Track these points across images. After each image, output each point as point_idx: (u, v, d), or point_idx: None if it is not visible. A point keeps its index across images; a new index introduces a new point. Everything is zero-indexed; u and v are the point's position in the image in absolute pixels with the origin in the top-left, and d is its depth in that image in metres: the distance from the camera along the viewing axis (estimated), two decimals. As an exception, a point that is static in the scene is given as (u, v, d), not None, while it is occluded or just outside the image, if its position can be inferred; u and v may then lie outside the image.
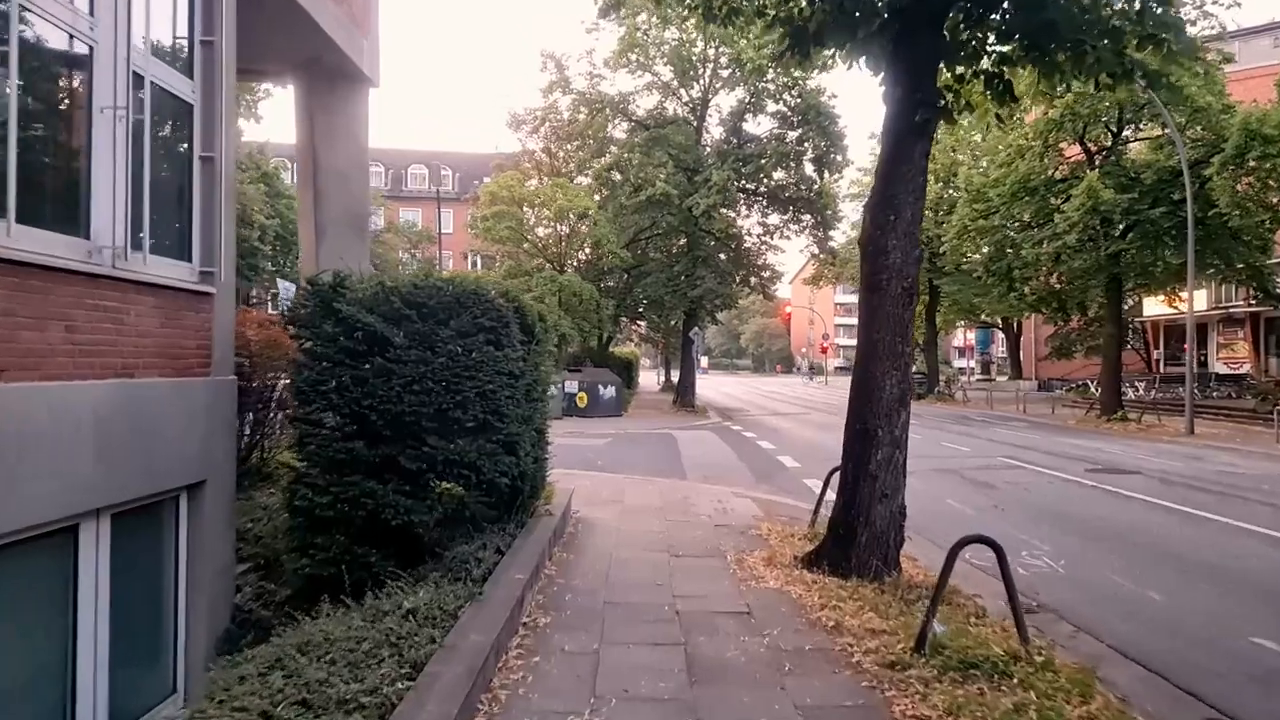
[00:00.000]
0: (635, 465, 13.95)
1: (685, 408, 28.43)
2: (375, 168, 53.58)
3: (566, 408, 24.59)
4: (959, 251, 28.45)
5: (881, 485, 6.16)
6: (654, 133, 28.05)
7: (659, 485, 11.52)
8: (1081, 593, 6.51)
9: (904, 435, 6.26)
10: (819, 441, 18.17)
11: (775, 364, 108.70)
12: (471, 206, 30.94)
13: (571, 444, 17.34)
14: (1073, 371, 38.70)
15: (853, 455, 6.35)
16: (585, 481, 11.57)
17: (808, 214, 30.47)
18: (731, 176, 26.44)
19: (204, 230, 5.72)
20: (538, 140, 32.53)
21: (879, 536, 6.16)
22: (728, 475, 12.88)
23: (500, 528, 6.54)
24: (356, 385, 5.74)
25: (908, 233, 6.17)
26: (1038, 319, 43.93)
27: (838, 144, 28.13)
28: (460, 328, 5.95)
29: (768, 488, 11.74)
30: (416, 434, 5.83)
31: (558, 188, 26.33)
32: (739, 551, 7.20)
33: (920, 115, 6.03)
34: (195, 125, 5.69)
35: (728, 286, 29.14)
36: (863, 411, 6.29)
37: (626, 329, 36.70)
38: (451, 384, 5.83)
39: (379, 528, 5.78)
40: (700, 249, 28.39)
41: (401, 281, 6.10)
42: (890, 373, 6.18)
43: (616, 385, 25.70)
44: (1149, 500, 10.63)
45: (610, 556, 6.99)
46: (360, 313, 5.76)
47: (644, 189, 26.67)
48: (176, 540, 5.57)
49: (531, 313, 6.99)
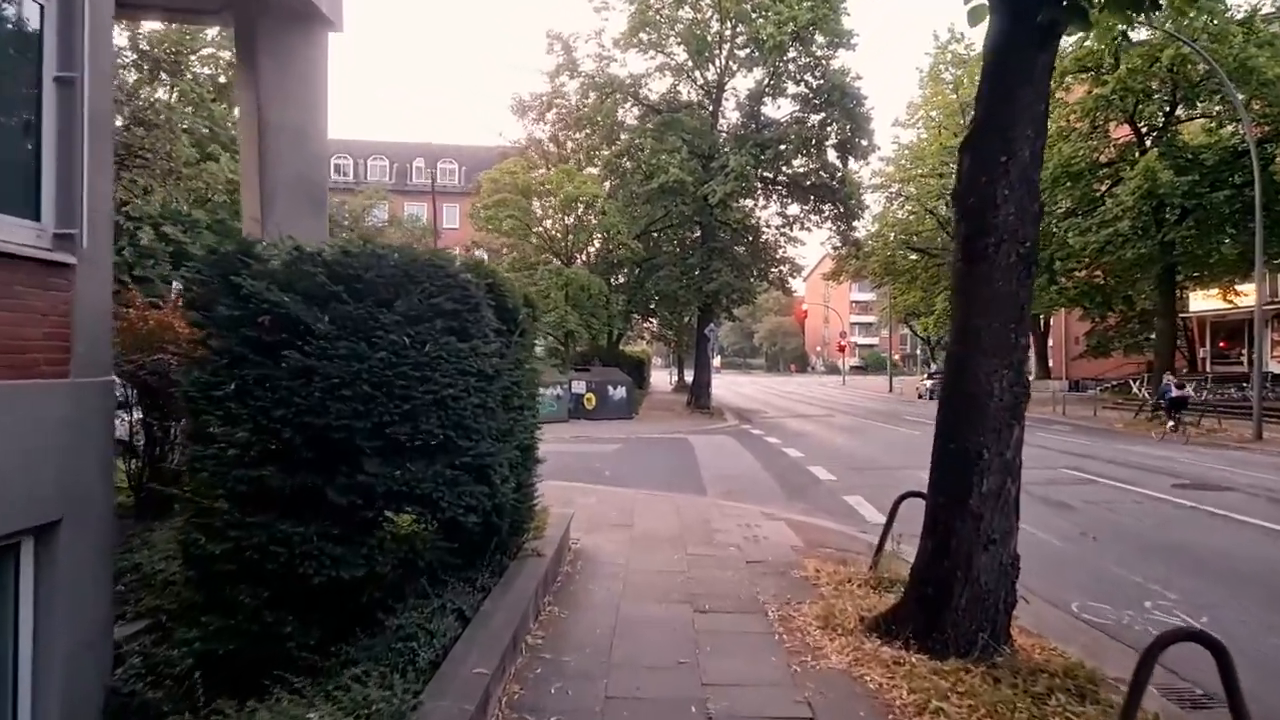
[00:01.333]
0: (647, 477, 12.32)
1: (700, 409, 26.76)
2: (378, 160, 52.25)
3: (574, 409, 22.98)
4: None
5: (988, 527, 4.49)
6: (667, 117, 26.39)
7: (675, 503, 9.88)
8: (1260, 671, 4.79)
9: (1017, 458, 4.59)
10: (850, 449, 16.45)
11: (789, 363, 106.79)
12: (474, 198, 29.35)
13: (577, 450, 15.72)
14: (1106, 371, 36.66)
15: (945, 485, 4.68)
16: (589, 499, 9.95)
17: (830, 203, 28.72)
18: (750, 162, 24.73)
19: (60, 179, 4.11)
20: (544, 128, 30.96)
21: (983, 597, 4.49)
22: (754, 490, 11.22)
23: (469, 578, 4.93)
24: (264, 390, 4.13)
25: (1024, 179, 4.50)
26: (1068, 316, 41.97)
27: (863, 127, 26.38)
28: (409, 311, 4.33)
29: (802, 507, 10.07)
30: (349, 456, 4.22)
31: (564, 174, 24.70)
32: (783, 604, 5.55)
33: (1044, 15, 4.35)
34: (47, 34, 4.09)
35: (745, 280, 27.43)
36: (959, 426, 4.61)
37: (638, 326, 35.01)
38: (396, 388, 4.22)
39: (300, 586, 4.18)
40: (716, 240, 26.70)
41: (329, 248, 4.49)
42: (1000, 372, 4.51)
43: (627, 386, 24.07)
44: (1268, 526, 8.87)
45: (616, 613, 5.36)
46: (269, 290, 4.15)
47: (656, 176, 25.01)
48: (15, 605, 3.98)
49: (513, 294, 5.36)
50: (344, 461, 4.22)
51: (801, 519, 9.16)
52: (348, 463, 4.22)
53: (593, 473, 12.65)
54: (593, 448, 16.39)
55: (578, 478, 12.09)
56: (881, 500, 10.21)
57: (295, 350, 4.13)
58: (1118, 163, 22.14)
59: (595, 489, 10.91)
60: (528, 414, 5.77)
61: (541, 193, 24.09)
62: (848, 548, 7.72)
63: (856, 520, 9.33)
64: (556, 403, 21.94)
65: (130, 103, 17.28)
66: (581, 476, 12.23)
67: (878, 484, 11.48)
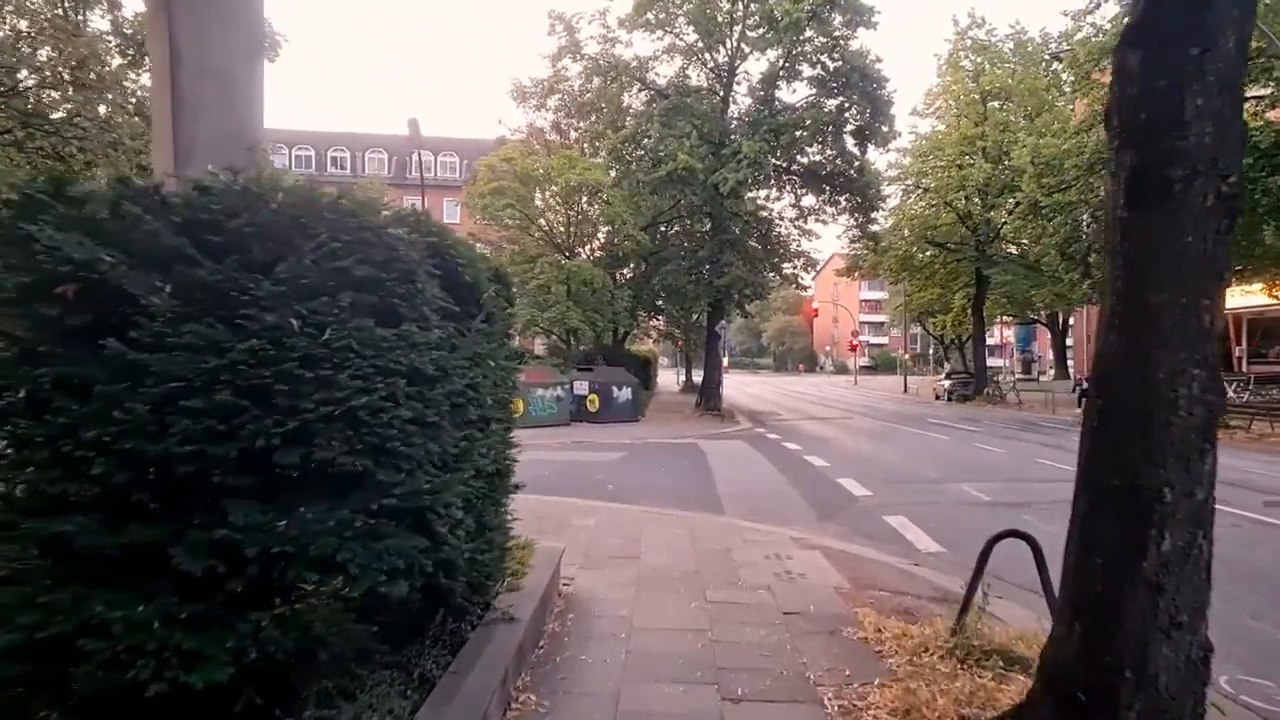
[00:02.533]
0: (655, 491, 10.86)
1: (710, 411, 25.26)
2: (377, 154, 50.91)
3: (576, 412, 21.52)
4: (1023, 233, 25.01)
5: (1171, 604, 3.00)
6: (675, 101, 24.88)
7: (689, 526, 8.41)
8: None
9: (1210, 500, 3.09)
10: (881, 457, 14.93)
11: (797, 363, 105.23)
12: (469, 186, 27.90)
13: (577, 459, 14.27)
14: (1135, 371, 34.98)
15: (1100, 540, 3.19)
16: (588, 520, 8.52)
17: (847, 194, 27.19)
18: (764, 148, 23.21)
19: None
20: (546, 115, 29.51)
21: (1164, 709, 2.99)
22: (779, 508, 9.74)
23: (408, 660, 3.49)
24: (69, 399, 2.67)
25: (1226, 83, 3.00)
26: (1091, 312, 40.36)
27: (884, 112, 24.84)
28: (298, 278, 2.86)
29: (838, 530, 8.59)
30: (204, 499, 2.77)
31: (566, 161, 23.21)
32: (842, 685, 4.09)
33: None
34: None
35: (758, 274, 25.88)
36: (1122, 453, 3.12)
37: (644, 324, 33.52)
38: (277, 395, 2.76)
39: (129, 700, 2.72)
40: (727, 232, 25.18)
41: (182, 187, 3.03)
42: (1187, 373, 3.02)
43: (633, 387, 22.60)
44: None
45: (616, 705, 3.88)
46: (78, 244, 2.68)
47: (664, 164, 23.52)
48: None
49: (472, 263, 3.89)
50: (197, 507, 2.76)
51: (840, 547, 7.68)
52: (204, 509, 2.77)
53: (594, 486, 11.19)
54: (595, 456, 14.93)
55: (577, 492, 10.66)
56: (930, 521, 8.74)
57: (117, 337, 2.67)
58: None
59: (596, 507, 9.46)
60: (496, 429, 4.29)
61: (542, 180, 22.59)
62: (904, 588, 6.23)
63: (903, 547, 7.85)
64: (557, 405, 20.48)
65: (32, 59, 15.71)
66: (581, 490, 10.78)
67: (921, 501, 9.99)
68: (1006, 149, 32.97)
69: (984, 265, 33.65)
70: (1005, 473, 12.43)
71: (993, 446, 16.38)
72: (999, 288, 35.40)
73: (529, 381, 20.22)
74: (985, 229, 34.85)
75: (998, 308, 38.58)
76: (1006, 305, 38.07)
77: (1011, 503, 9.84)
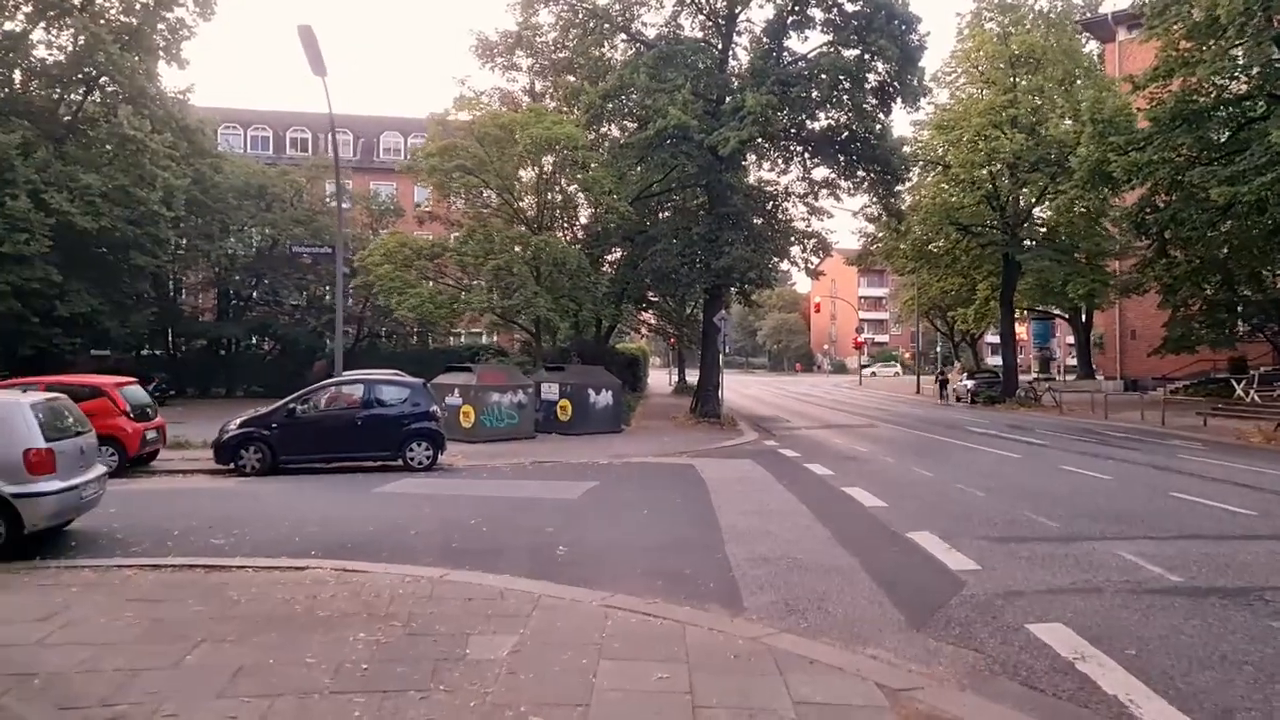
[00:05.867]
0: (631, 557, 6.92)
1: (707, 418, 21.25)
2: (343, 135, 46.77)
3: (543, 422, 17.52)
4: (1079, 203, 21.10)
5: None
6: (666, 49, 20.90)
7: (684, 650, 4.46)
8: None
9: None
10: (947, 488, 10.95)
11: (794, 362, 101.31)
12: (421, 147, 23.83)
13: (524, 497, 10.19)
14: (1181, 368, 31.19)
15: None
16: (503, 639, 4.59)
17: (866, 164, 23.22)
18: (771, 102, 19.26)
19: None
20: (517, 78, 25.51)
21: None
22: (835, 599, 5.77)
23: None
24: None
25: None
26: (1123, 305, 36.56)
27: (914, 61, 20.90)
28: None
29: (960, 658, 4.62)
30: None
31: (533, 115, 19.15)
32: None
33: None
34: None
35: (763, 256, 21.86)
36: None
37: (632, 317, 29.46)
38: None
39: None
40: (726, 204, 21.16)
41: None
42: None
43: (614, 390, 18.56)
44: None
45: None
46: None
47: (653, 121, 19.54)
48: None
49: None
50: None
51: None
52: None
53: (538, 547, 7.21)
54: (553, 487, 10.90)
55: (508, 560, 6.72)
56: (1117, 638, 4.80)
57: None
58: (1255, 94, 16.66)
59: (527, 597, 5.52)
60: None
61: (503, 140, 18.55)
62: None
63: (1107, 711, 3.91)
64: (518, 413, 16.45)
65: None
66: (515, 557, 6.84)
67: (1070, 584, 6.04)
68: (1042, 118, 29.17)
69: (1014, 250, 29.78)
70: (1152, 520, 8.49)
71: (1087, 470, 12.41)
72: (1029, 276, 31.56)
73: (482, 384, 16.22)
74: (1014, 209, 31.03)
75: (1026, 298, 34.75)
76: (1038, 295, 34.19)
77: (1225, 589, 5.92)
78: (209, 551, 7.20)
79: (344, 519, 8.47)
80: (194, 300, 35.69)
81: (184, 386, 31.67)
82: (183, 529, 7.94)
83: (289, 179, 32.01)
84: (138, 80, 25.97)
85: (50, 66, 26.24)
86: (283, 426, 12.05)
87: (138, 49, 26.52)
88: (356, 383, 13.18)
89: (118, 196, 24.33)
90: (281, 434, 12.00)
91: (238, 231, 31.21)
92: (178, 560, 6.77)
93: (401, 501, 9.70)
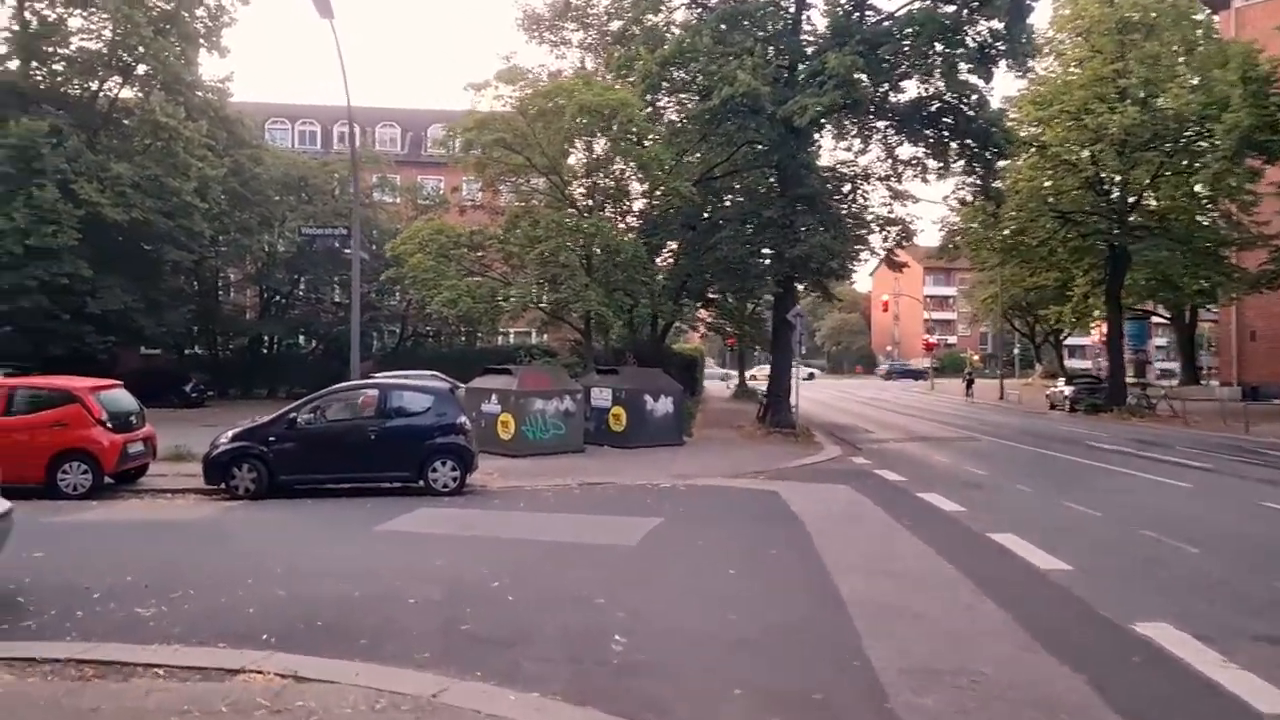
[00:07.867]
0: (719, 658, 4.52)
1: (780, 429, 18.66)
2: (389, 129, 45.61)
3: (594, 432, 15.23)
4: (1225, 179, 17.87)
5: None
6: (732, 9, 18.45)
7: None
8: None
9: None
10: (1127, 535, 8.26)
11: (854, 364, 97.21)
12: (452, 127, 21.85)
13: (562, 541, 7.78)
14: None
15: None
16: None
17: (960, 139, 20.29)
18: (856, 64, 16.64)
19: None
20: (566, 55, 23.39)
21: None
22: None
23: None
24: None
25: None
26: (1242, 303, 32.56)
27: (1022, 15, 17.94)
28: None
29: None
30: None
31: (581, 82, 16.93)
32: None
33: None
34: None
35: (843, 244, 19.15)
36: None
37: (691, 313, 26.97)
38: None
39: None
40: (802, 185, 18.56)
41: None
42: None
43: (675, 396, 16.15)
44: None
45: None
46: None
47: (717, 90, 17.10)
48: None
49: None
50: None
51: None
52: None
53: (584, 630, 4.87)
54: (605, 526, 8.54)
55: (540, 650, 4.44)
56: None
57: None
58: None
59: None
60: None
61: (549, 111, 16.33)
62: None
63: None
64: (565, 423, 14.18)
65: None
66: (550, 647, 4.54)
67: None
68: (1156, 90, 25.70)
69: (1125, 240, 26.36)
70: None
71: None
72: (1138, 270, 28.06)
73: (524, 389, 14.02)
74: (1122, 194, 27.57)
75: (1134, 294, 31.12)
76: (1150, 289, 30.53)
77: None
78: (123, 629, 5.10)
79: (324, 575, 6.30)
80: (238, 298, 34.72)
81: (226, 387, 30.54)
82: (109, 587, 5.88)
83: (329, 169, 30.61)
84: (174, 67, 24.79)
85: (89, 54, 25.29)
86: (282, 440, 10.03)
87: (177, 35, 25.38)
88: (370, 389, 11.07)
89: (150, 187, 23.02)
90: (280, 449, 9.98)
91: (279, 225, 29.95)
92: (62, 651, 4.66)
93: (407, 547, 7.46)
